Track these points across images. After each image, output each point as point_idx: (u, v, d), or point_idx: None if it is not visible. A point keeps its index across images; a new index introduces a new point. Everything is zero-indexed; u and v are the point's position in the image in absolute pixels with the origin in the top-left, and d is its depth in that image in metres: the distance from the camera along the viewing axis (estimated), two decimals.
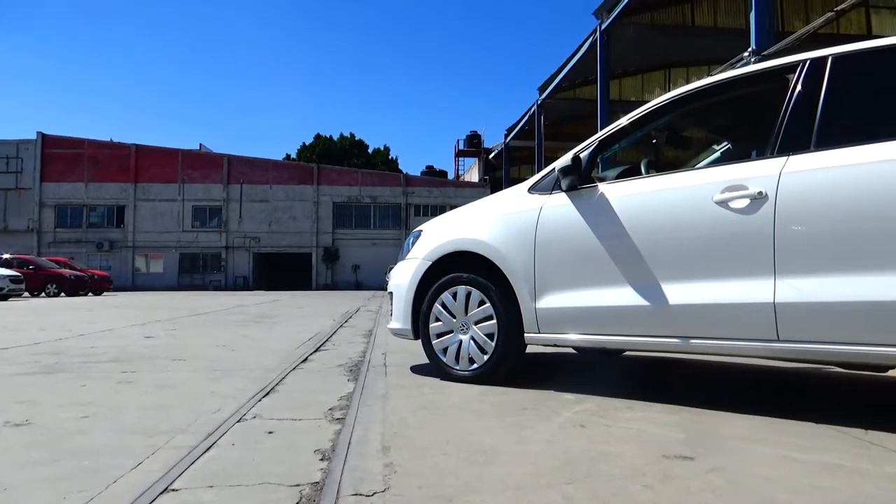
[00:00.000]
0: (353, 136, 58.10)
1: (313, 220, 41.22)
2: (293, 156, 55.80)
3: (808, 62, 2.80)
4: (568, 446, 2.27)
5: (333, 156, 52.86)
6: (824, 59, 2.77)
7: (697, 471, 1.98)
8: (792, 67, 2.85)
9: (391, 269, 4.22)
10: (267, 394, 3.26)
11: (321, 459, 2.12)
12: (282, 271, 41.08)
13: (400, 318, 3.90)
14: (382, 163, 56.56)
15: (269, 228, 41.08)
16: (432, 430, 2.51)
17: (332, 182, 41.76)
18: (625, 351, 4.38)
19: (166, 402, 3.07)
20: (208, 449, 2.24)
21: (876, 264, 2.38)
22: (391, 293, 4.05)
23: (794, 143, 2.68)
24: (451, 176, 52.14)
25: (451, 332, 3.64)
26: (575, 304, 3.16)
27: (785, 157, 2.67)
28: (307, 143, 56.99)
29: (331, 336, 6.51)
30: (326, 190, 41.50)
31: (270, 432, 2.47)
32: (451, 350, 3.62)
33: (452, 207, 4.74)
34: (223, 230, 40.95)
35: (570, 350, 4.66)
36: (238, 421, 2.66)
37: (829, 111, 2.67)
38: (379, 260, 37.70)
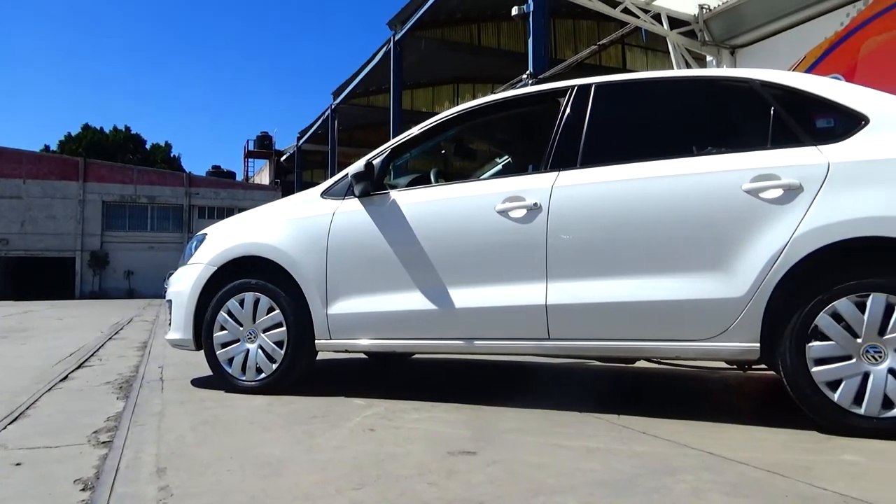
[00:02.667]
0: (128, 129, 52.89)
1: (78, 220, 36.73)
2: (54, 148, 49.37)
3: (576, 88, 3.13)
4: (357, 451, 2.27)
5: (105, 150, 47.65)
6: (589, 86, 3.11)
7: (479, 464, 2.10)
8: (562, 92, 3.16)
9: (171, 275, 3.91)
10: (14, 420, 2.83)
11: (83, 490, 1.89)
12: (38, 278, 36.00)
13: (180, 327, 3.62)
14: (163, 160, 52.24)
15: (22, 229, 35.82)
16: (215, 446, 2.36)
17: (103, 179, 37.58)
18: (414, 354, 4.51)
19: None
20: None
21: (627, 269, 2.73)
22: (170, 301, 3.75)
23: (564, 159, 2.97)
24: (239, 177, 49.78)
25: (238, 340, 3.46)
26: (366, 310, 3.19)
27: (556, 173, 2.94)
28: (73, 134, 50.80)
29: (97, 350, 5.84)
30: (95, 187, 37.24)
31: (18, 464, 2.15)
32: (238, 360, 3.44)
33: (241, 210, 4.52)
34: None
35: (362, 355, 4.68)
36: None
37: (592, 133, 3.00)
38: (156, 265, 34.59)
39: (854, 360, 2.40)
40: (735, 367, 3.16)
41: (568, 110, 3.08)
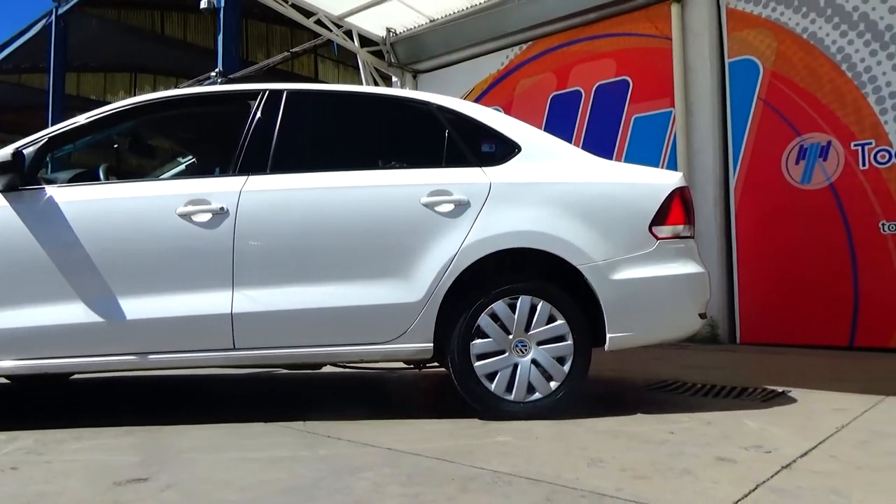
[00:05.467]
0: None
1: None
2: None
3: (268, 92, 3.08)
4: None
5: None
6: (281, 92, 3.08)
7: (152, 491, 1.92)
8: (254, 94, 3.08)
9: None
10: None
11: None
12: None
13: None
14: None
15: None
16: None
17: None
18: (73, 374, 3.94)
19: None
20: None
21: (315, 276, 2.77)
22: None
23: (254, 164, 2.90)
24: None
25: None
26: (10, 326, 2.68)
27: (245, 177, 2.86)
28: None
29: None
30: None
31: None
32: None
33: None
34: None
35: (3, 380, 3.93)
36: None
37: (283, 138, 2.99)
38: None
39: (507, 354, 2.79)
40: (412, 366, 3.42)
41: (259, 114, 3.01)
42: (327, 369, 4.08)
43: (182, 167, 3.91)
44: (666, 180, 3.04)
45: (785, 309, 5.33)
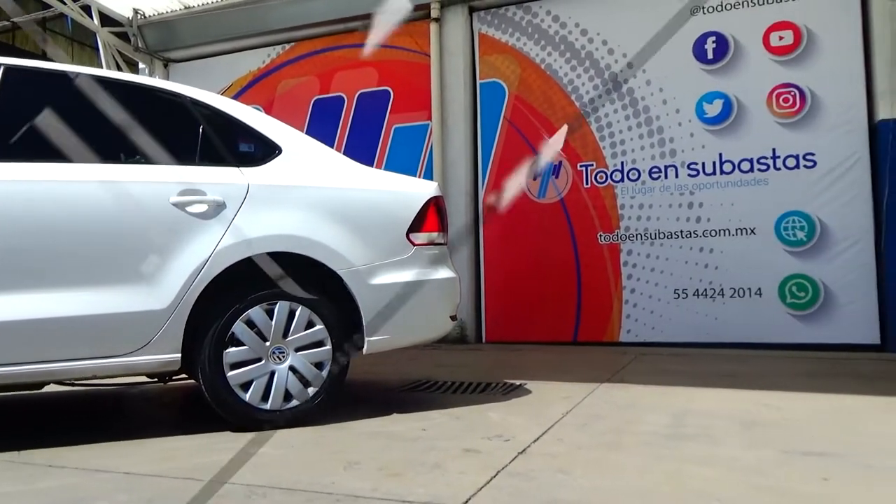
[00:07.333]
0: None
1: None
2: None
3: None
4: None
5: None
6: None
7: None
8: None
9: None
10: None
11: None
12: None
13: None
14: None
15: None
16: None
17: None
18: None
19: None
20: None
21: (35, 282, 2.41)
22: None
23: None
24: None
25: None
26: None
27: None
28: None
29: None
30: None
31: None
32: None
33: None
34: None
35: None
36: None
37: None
38: None
39: (263, 362, 2.69)
40: (156, 379, 3.13)
41: None
42: (50, 388, 3.58)
43: None
44: (422, 189, 3.19)
45: (523, 310, 5.93)
